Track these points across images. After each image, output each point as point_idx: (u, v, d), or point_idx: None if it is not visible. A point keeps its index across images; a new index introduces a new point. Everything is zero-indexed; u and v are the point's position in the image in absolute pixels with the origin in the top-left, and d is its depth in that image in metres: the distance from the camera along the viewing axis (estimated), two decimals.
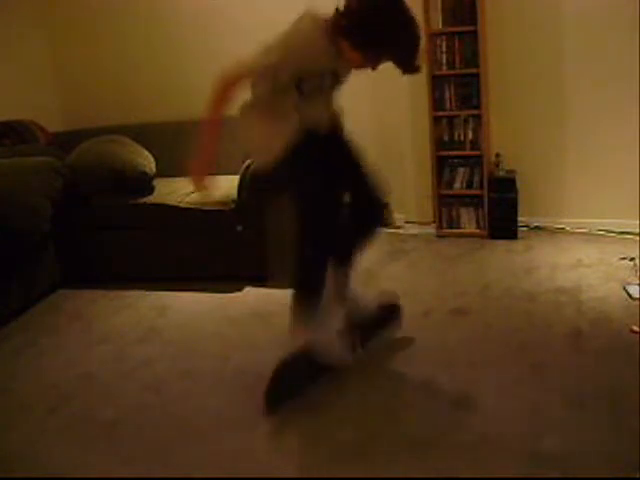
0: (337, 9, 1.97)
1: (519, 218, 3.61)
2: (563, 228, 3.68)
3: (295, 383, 2.17)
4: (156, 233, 3.41)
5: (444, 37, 3.49)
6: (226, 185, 3.34)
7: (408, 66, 1.98)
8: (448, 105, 3.60)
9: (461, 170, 3.70)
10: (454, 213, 3.76)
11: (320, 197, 2.14)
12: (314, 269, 2.20)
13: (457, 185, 3.71)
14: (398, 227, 4.01)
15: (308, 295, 2.22)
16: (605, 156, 3.51)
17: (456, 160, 3.70)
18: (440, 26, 3.47)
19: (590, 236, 3.56)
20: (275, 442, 2.02)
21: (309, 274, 2.23)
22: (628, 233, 3.47)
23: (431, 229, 3.85)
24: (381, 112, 3.91)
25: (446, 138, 3.66)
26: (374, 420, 2.04)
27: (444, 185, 3.73)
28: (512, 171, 3.64)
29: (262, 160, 2.24)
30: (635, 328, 2.45)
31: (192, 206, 3.29)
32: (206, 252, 3.35)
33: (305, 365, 2.17)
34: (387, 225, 4.02)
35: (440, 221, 3.80)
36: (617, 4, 3.28)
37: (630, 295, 2.75)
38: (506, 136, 3.68)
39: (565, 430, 1.91)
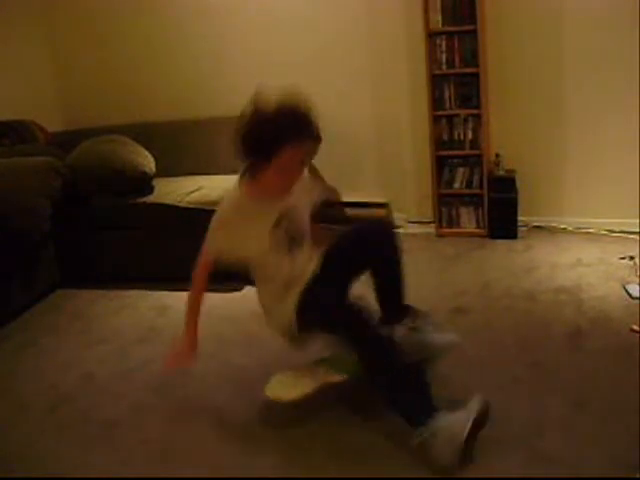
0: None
1: (519, 218, 3.60)
2: (563, 228, 3.68)
3: None
4: (156, 233, 3.41)
5: (444, 37, 3.48)
6: (226, 185, 3.34)
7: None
8: (448, 105, 3.60)
9: (461, 170, 3.70)
10: (454, 213, 3.76)
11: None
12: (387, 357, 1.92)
13: (457, 185, 3.71)
14: (398, 227, 4.01)
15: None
16: (605, 155, 3.51)
17: (456, 160, 3.70)
18: (440, 26, 3.47)
19: (590, 235, 3.56)
20: (276, 442, 2.02)
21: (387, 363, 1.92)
22: (628, 232, 3.46)
23: (431, 228, 3.85)
24: (381, 112, 3.92)
25: (446, 137, 3.66)
26: (374, 420, 2.04)
27: (444, 184, 3.73)
28: (512, 171, 3.63)
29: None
30: (635, 327, 2.45)
31: (192, 206, 3.28)
32: None
33: None
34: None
35: (440, 221, 3.80)
36: (617, 3, 3.28)
37: (630, 294, 2.75)
38: (506, 136, 3.68)
39: (565, 430, 1.91)
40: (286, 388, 2.07)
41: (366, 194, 4.06)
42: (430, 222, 3.88)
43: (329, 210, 4.12)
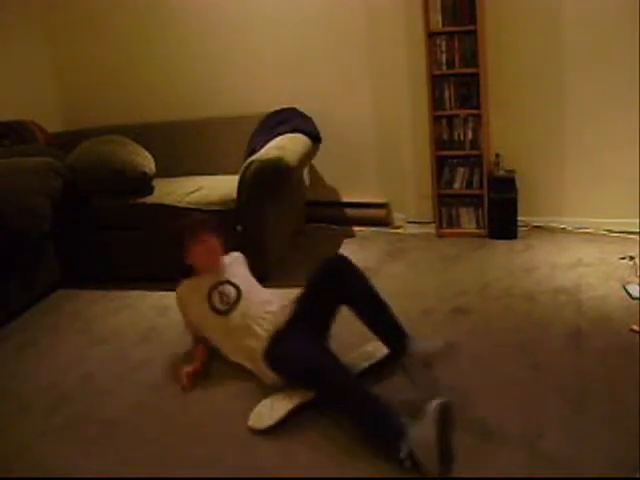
0: None
1: (519, 218, 3.61)
2: (563, 228, 3.68)
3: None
4: (156, 233, 3.41)
5: (444, 37, 3.48)
6: (226, 185, 3.34)
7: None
8: (448, 105, 3.60)
9: (461, 170, 3.70)
10: (454, 213, 3.76)
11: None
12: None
13: (457, 185, 3.71)
14: (398, 227, 4.01)
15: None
16: (605, 156, 3.51)
17: (456, 160, 3.70)
18: (440, 26, 3.46)
19: (590, 235, 3.56)
20: (276, 442, 2.03)
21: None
22: (628, 232, 3.47)
23: (431, 229, 3.85)
24: (381, 112, 3.92)
25: (446, 138, 3.66)
26: None
27: (444, 185, 3.73)
28: (512, 171, 3.63)
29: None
30: (635, 327, 2.45)
31: (192, 206, 3.28)
32: None
33: None
34: (387, 225, 4.03)
35: (440, 221, 3.80)
36: (617, 3, 3.28)
37: (630, 294, 2.75)
38: (506, 136, 3.68)
39: (565, 430, 1.91)
40: (261, 417, 2.11)
41: (366, 194, 4.07)
42: (430, 222, 3.87)
43: (329, 210, 4.14)
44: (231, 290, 2.47)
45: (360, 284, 2.32)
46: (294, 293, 2.41)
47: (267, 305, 2.43)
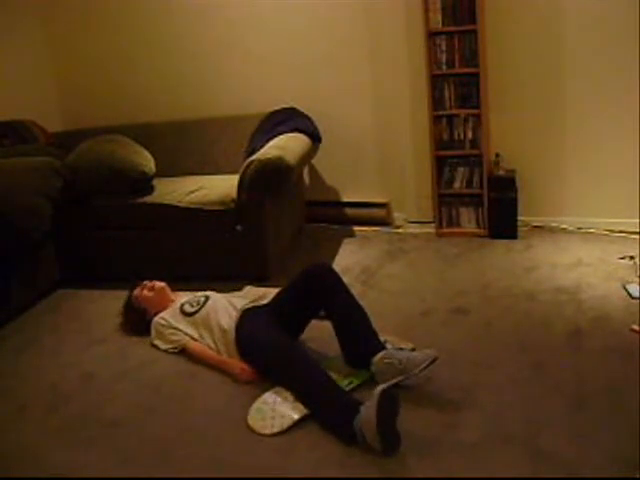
0: None
1: (519, 217, 3.61)
2: (563, 228, 3.68)
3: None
4: (156, 233, 3.41)
5: (444, 37, 3.48)
6: (226, 185, 3.34)
7: None
8: (448, 104, 3.60)
9: (461, 169, 3.70)
10: (454, 212, 3.76)
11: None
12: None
13: (457, 184, 3.71)
14: (398, 226, 4.01)
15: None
16: (605, 155, 3.51)
17: (456, 159, 3.70)
18: (440, 26, 3.47)
19: (590, 235, 3.56)
20: (276, 442, 2.03)
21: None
22: (628, 232, 3.47)
23: (431, 228, 3.85)
24: (381, 112, 3.92)
25: (446, 137, 3.66)
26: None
27: (444, 184, 3.73)
28: (512, 170, 3.64)
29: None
30: (635, 327, 2.45)
31: (192, 206, 3.28)
32: (206, 252, 3.35)
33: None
34: (387, 224, 4.03)
35: (440, 220, 3.80)
36: (617, 3, 3.28)
37: (630, 294, 2.75)
38: (506, 135, 3.68)
39: (565, 430, 1.91)
40: (264, 420, 2.10)
41: (366, 194, 4.07)
42: (430, 222, 3.88)
43: (329, 210, 4.14)
44: (200, 297, 2.76)
45: (340, 297, 2.35)
46: (267, 297, 2.63)
47: (235, 300, 2.68)
